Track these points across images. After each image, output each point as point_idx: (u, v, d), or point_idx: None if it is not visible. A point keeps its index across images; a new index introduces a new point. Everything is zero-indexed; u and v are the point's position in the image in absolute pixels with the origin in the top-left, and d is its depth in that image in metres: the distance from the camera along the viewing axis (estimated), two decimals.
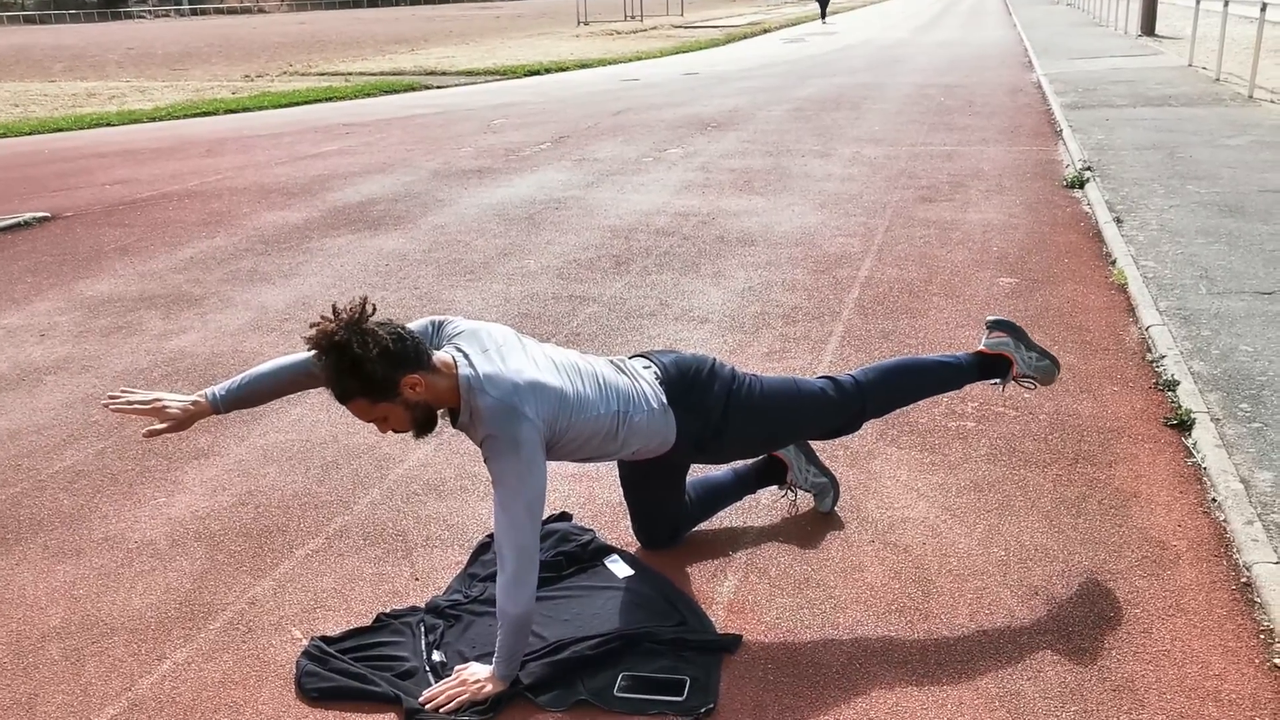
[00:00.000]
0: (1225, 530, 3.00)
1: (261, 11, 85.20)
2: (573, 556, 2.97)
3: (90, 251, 7.02)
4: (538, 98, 15.86)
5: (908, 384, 3.02)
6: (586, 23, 40.34)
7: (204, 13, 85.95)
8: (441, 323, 2.62)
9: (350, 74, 21.95)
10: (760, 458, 3.18)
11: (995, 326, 3.10)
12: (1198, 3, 15.52)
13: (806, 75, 17.59)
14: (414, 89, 18.15)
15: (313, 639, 2.65)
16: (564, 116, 13.31)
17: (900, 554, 2.98)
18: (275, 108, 15.91)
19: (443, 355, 2.48)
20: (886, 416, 3.68)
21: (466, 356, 2.47)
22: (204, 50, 33.93)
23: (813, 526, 3.15)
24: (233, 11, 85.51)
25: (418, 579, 2.96)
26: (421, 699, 2.41)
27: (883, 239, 6.48)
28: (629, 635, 2.59)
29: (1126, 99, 11.98)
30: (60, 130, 14.04)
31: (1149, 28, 21.34)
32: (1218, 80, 13.23)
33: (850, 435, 3.07)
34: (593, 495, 3.39)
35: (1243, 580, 2.76)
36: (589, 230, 7.05)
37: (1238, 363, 4.17)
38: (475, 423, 2.42)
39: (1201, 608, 2.66)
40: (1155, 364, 4.26)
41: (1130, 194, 7.14)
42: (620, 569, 2.93)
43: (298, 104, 16.31)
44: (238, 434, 4.00)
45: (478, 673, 2.43)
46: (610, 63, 22.27)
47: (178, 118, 15.02)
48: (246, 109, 15.78)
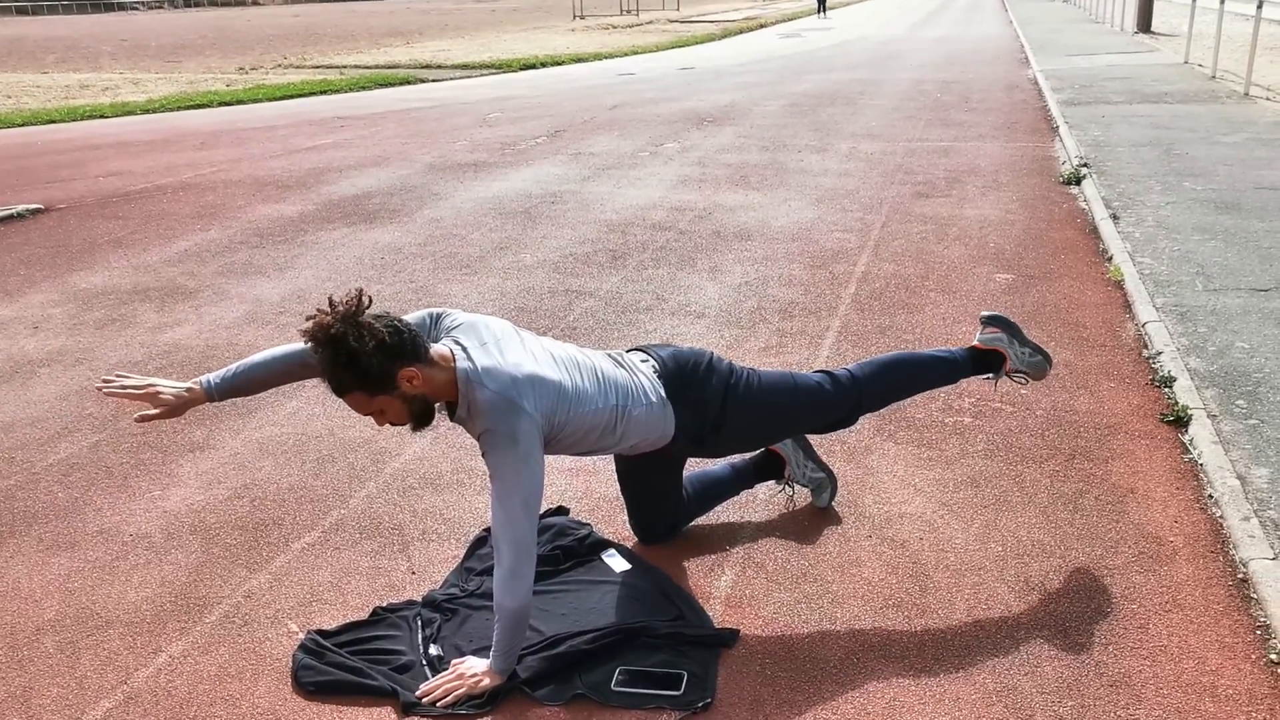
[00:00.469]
0: (1221, 526, 3.00)
1: (256, 4, 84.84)
2: (570, 551, 2.96)
3: (84, 244, 7.00)
4: (533, 92, 15.83)
5: (903, 378, 3.03)
6: (582, 17, 40.29)
7: (198, 4, 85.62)
8: (439, 315, 2.61)
9: (345, 67, 21.91)
10: (758, 452, 3.18)
11: (990, 322, 3.12)
12: (1194, 0, 15.53)
13: (803, 70, 17.59)
14: (409, 82, 18.12)
15: (309, 632, 2.64)
16: (560, 111, 13.29)
17: (897, 549, 2.98)
18: (270, 100, 15.87)
19: (440, 348, 2.46)
20: (883, 411, 3.69)
21: (465, 349, 2.45)
22: (198, 42, 33.82)
23: (810, 521, 3.15)
24: (227, 3, 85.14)
25: (414, 573, 2.95)
26: (418, 693, 2.40)
27: (879, 234, 6.47)
28: (626, 630, 2.58)
29: (1123, 96, 11.99)
30: (53, 122, 13.98)
31: (1145, 25, 21.38)
32: (1214, 77, 13.25)
33: (847, 430, 3.07)
34: (590, 489, 3.39)
35: (1239, 576, 2.77)
36: (585, 224, 7.03)
37: (1234, 359, 4.18)
38: (473, 416, 2.41)
39: (1198, 603, 2.67)
40: (1151, 360, 4.27)
41: (1127, 190, 7.15)
42: (617, 563, 2.92)
43: (292, 97, 16.27)
44: (233, 427, 3.99)
45: (475, 667, 2.43)
46: (606, 57, 22.26)
47: (171, 110, 14.97)
48: (241, 101, 15.74)
